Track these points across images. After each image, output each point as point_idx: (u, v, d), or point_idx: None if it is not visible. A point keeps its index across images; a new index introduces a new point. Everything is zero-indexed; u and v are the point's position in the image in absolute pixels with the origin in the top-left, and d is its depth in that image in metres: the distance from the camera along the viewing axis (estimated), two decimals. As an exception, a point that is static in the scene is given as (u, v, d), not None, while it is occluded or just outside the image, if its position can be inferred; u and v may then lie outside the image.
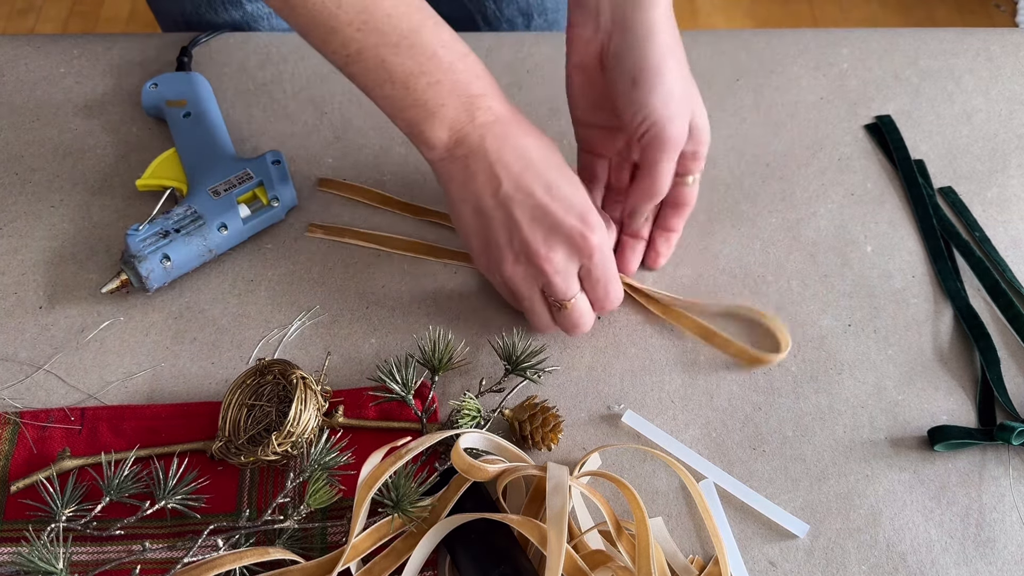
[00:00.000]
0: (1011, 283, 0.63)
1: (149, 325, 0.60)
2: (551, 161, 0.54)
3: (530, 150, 0.53)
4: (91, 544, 0.51)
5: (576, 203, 0.53)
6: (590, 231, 0.53)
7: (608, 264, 0.55)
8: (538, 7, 0.87)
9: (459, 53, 0.52)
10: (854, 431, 0.57)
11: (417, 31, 0.51)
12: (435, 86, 0.51)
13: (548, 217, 0.52)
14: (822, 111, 0.73)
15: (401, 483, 0.49)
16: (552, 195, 0.52)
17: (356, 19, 0.50)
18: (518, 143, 0.53)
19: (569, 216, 0.52)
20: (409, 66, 0.51)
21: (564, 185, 0.53)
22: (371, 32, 0.50)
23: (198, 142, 0.65)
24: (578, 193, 0.53)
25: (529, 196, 0.52)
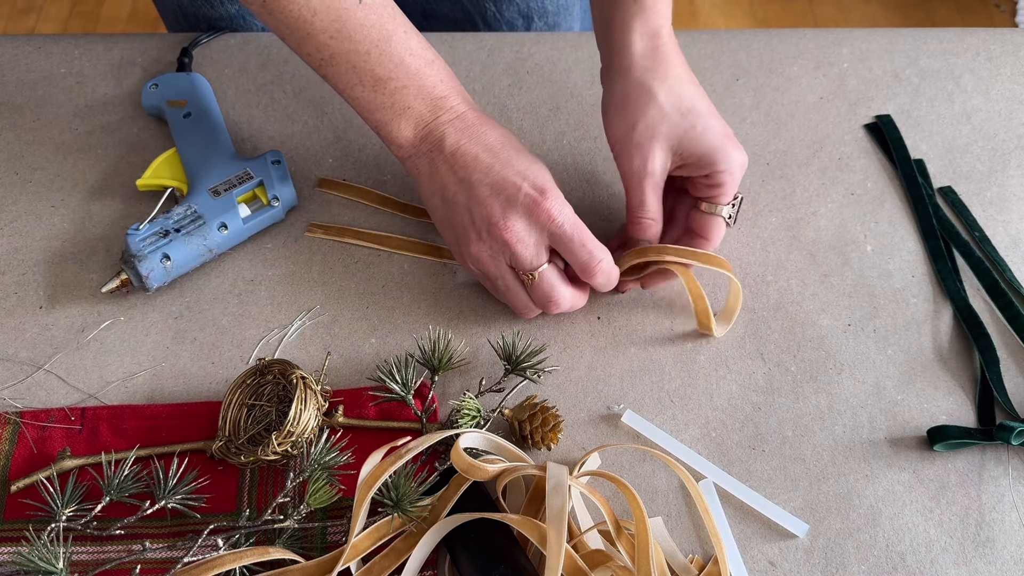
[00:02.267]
0: (1011, 283, 0.63)
1: (149, 325, 0.60)
2: (509, 142, 0.56)
3: (489, 136, 0.56)
4: (91, 544, 0.51)
5: (531, 173, 0.54)
6: (544, 196, 0.54)
7: (575, 229, 0.55)
8: (539, 10, 0.87)
9: (426, 60, 0.56)
10: (853, 431, 0.57)
11: (387, 40, 0.54)
12: (402, 90, 0.55)
13: (504, 187, 0.54)
14: (822, 111, 0.73)
15: (401, 483, 0.49)
16: (508, 167, 0.54)
17: (330, 27, 0.53)
18: (477, 132, 0.56)
19: (524, 183, 0.54)
20: (378, 72, 0.54)
21: (520, 159, 0.55)
22: (344, 40, 0.53)
23: (198, 142, 0.65)
24: (534, 166, 0.55)
25: (487, 173, 0.55)
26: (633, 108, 0.58)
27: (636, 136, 0.57)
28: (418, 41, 0.56)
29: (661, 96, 0.57)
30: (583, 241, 0.55)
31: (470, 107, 0.57)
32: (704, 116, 0.58)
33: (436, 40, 0.75)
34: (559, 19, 0.89)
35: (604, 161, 0.69)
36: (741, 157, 0.58)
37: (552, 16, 0.88)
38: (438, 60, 0.57)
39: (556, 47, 0.76)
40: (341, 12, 0.52)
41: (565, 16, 0.90)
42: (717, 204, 0.59)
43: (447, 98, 0.56)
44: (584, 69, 0.74)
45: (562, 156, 0.69)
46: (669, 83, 0.58)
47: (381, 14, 0.54)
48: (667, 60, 0.58)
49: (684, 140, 0.57)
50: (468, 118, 0.56)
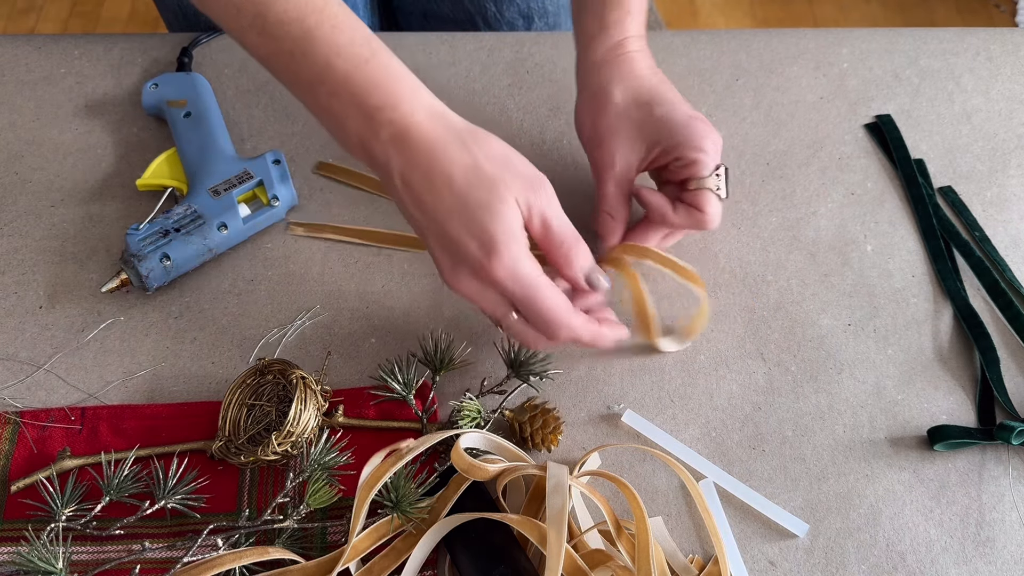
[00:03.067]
0: (1011, 283, 0.63)
1: (149, 325, 0.60)
2: (460, 182, 0.48)
3: (435, 171, 0.48)
4: (91, 544, 0.51)
5: (479, 225, 0.47)
6: (490, 257, 0.47)
7: (528, 291, 0.48)
8: (539, 10, 0.87)
9: (358, 60, 0.47)
10: (854, 431, 0.57)
11: (308, 37, 0.47)
12: (334, 97, 0.48)
13: (450, 244, 0.48)
14: (822, 111, 0.73)
15: (401, 484, 0.49)
16: (452, 218, 0.48)
17: (255, 23, 0.47)
18: (423, 160, 0.48)
19: (471, 242, 0.47)
20: (306, 75, 0.48)
21: (466, 211, 0.47)
22: (268, 38, 0.48)
23: (198, 142, 0.65)
24: (486, 215, 0.47)
25: (433, 221, 0.48)
26: (593, 110, 0.58)
27: (597, 133, 0.58)
28: (349, 37, 0.47)
29: (618, 95, 0.57)
30: (540, 306, 0.48)
31: (417, 118, 0.48)
32: (664, 102, 0.57)
33: (436, 40, 0.75)
34: (560, 19, 0.89)
35: (604, 161, 0.69)
36: (710, 133, 0.57)
37: (553, 16, 0.88)
38: (374, 58, 0.48)
39: (556, 47, 0.76)
40: (260, 6, 0.46)
41: (566, 16, 0.90)
42: (700, 178, 0.57)
43: (383, 110, 0.47)
44: (584, 69, 0.74)
45: (562, 156, 0.69)
46: (626, 82, 0.58)
47: (304, 7, 0.47)
48: (627, 64, 0.58)
49: (646, 127, 0.57)
50: (412, 138, 0.48)
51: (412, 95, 0.49)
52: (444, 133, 0.48)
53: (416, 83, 0.50)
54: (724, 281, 0.63)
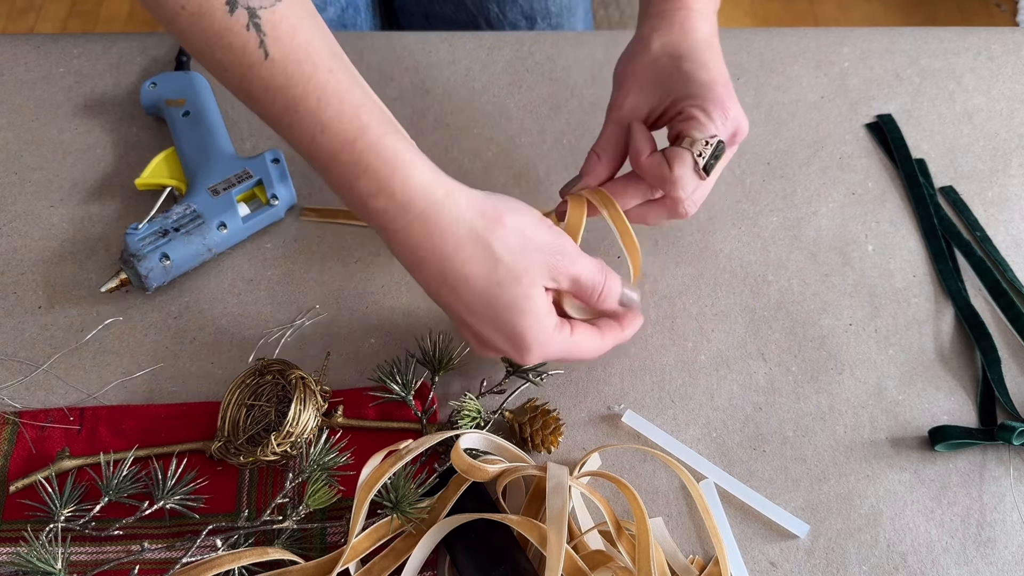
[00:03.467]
0: (1012, 283, 0.63)
1: (148, 325, 0.60)
2: (480, 283, 0.46)
3: (447, 274, 0.46)
4: (90, 544, 0.51)
5: (505, 329, 0.47)
6: (523, 355, 0.48)
7: (561, 358, 0.51)
8: (542, 11, 0.87)
9: (344, 139, 0.43)
10: (855, 431, 0.57)
11: (294, 110, 0.43)
12: (327, 172, 0.45)
13: (478, 336, 0.49)
14: (823, 110, 0.73)
15: (400, 484, 0.48)
16: (477, 318, 0.47)
17: (240, 87, 0.44)
18: (434, 264, 0.46)
19: (500, 340, 0.48)
20: (301, 147, 0.45)
21: (489, 311, 0.46)
22: (254, 102, 0.44)
23: (197, 141, 0.65)
24: (511, 317, 0.46)
25: (454, 314, 0.48)
26: (629, 55, 0.56)
27: (621, 76, 0.56)
28: (337, 110, 0.43)
29: (656, 44, 0.54)
30: (576, 359, 0.52)
31: (417, 208, 0.44)
32: (696, 60, 0.53)
33: (435, 39, 0.75)
34: (562, 20, 0.89)
35: (604, 160, 0.69)
36: (727, 106, 0.52)
37: (555, 17, 0.88)
38: (364, 137, 0.43)
39: (556, 46, 0.76)
40: (245, 70, 0.42)
41: (568, 17, 0.90)
42: (690, 140, 0.51)
43: (376, 197, 0.44)
44: (584, 68, 0.74)
45: (562, 156, 0.69)
46: (670, 36, 0.54)
47: (290, 75, 0.42)
48: (679, 21, 0.55)
49: (667, 78, 0.53)
50: (411, 235, 0.45)
51: (405, 183, 0.44)
52: (449, 232, 0.45)
53: (410, 164, 0.44)
54: (725, 281, 0.63)
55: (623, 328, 0.54)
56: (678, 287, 0.63)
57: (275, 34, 0.42)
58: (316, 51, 0.43)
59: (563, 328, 0.50)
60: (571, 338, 0.50)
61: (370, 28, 0.87)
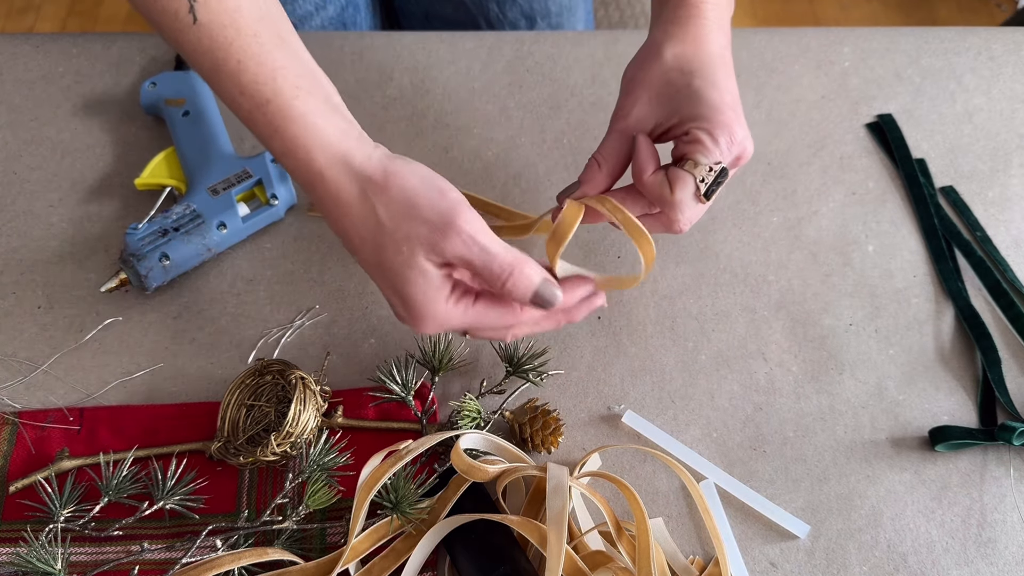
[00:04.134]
0: (1012, 283, 0.63)
1: (148, 325, 0.60)
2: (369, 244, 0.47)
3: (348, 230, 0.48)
4: (89, 544, 0.51)
5: (398, 292, 0.48)
6: (418, 323, 0.49)
7: (463, 330, 0.50)
8: (541, 11, 0.87)
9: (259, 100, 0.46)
10: (855, 431, 0.57)
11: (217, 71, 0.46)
12: (250, 129, 0.48)
13: (385, 297, 0.50)
14: (823, 110, 0.73)
15: (400, 484, 0.48)
16: (379, 279, 0.49)
17: (176, 47, 0.46)
18: (337, 219, 0.48)
19: (397, 303, 0.49)
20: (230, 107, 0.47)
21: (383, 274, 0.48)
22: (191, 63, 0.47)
23: (197, 141, 0.65)
24: (397, 282, 0.47)
25: (365, 270, 0.50)
26: (640, 59, 0.54)
27: (630, 81, 0.54)
28: (254, 74, 0.45)
29: (669, 54, 0.53)
30: (483, 334, 0.51)
31: (317, 165, 0.47)
32: (707, 78, 0.52)
33: (435, 39, 0.75)
34: (562, 20, 0.89)
35: (604, 160, 0.69)
36: (734, 130, 0.51)
37: (555, 17, 0.88)
38: (276, 99, 0.46)
39: (556, 46, 0.75)
40: (176, 34, 0.45)
41: (568, 17, 0.89)
42: (694, 163, 0.50)
43: (286, 156, 0.47)
44: (584, 68, 0.74)
45: (562, 156, 0.69)
46: (683, 46, 0.53)
47: (215, 38, 0.45)
48: (693, 30, 0.54)
49: (677, 94, 0.52)
50: (319, 190, 0.47)
51: (309, 142, 0.46)
52: (346, 186, 0.47)
53: (314, 124, 0.46)
54: (725, 281, 0.63)
55: (559, 314, 0.52)
56: (678, 287, 0.63)
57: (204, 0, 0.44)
58: (243, 17, 0.45)
59: (463, 299, 0.49)
60: (473, 310, 0.49)
61: (370, 27, 0.87)
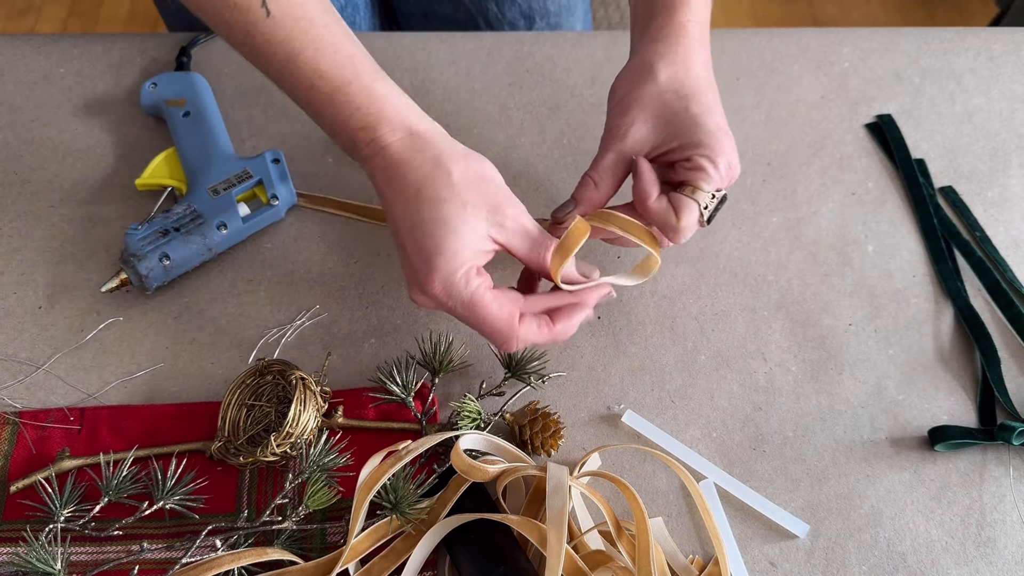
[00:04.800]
0: (1012, 283, 0.63)
1: (148, 325, 0.60)
2: (422, 197, 0.49)
3: (405, 186, 0.50)
4: (89, 544, 0.51)
5: (426, 244, 0.49)
6: (428, 274, 0.49)
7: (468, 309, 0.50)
8: (540, 10, 0.87)
9: (340, 82, 0.50)
10: (854, 431, 0.57)
11: (294, 60, 0.49)
12: (321, 115, 0.51)
13: (406, 258, 0.51)
14: (823, 110, 0.73)
15: (400, 485, 0.48)
16: (411, 235, 0.50)
17: (245, 42, 0.50)
18: (396, 176, 0.50)
19: (418, 258, 0.49)
20: (298, 94, 0.51)
21: (423, 225, 0.49)
22: (257, 56, 0.50)
23: (197, 141, 0.65)
24: (434, 232, 0.49)
25: (397, 235, 0.51)
26: (632, 79, 0.55)
27: (625, 100, 0.54)
28: (332, 61, 0.49)
29: (663, 75, 0.54)
30: (479, 323, 0.50)
31: (395, 137, 0.50)
32: (704, 104, 0.53)
33: (435, 40, 0.75)
34: (561, 19, 0.89)
35: (604, 161, 0.69)
36: (731, 154, 0.53)
37: (554, 16, 0.88)
38: (358, 80, 0.50)
39: (556, 46, 0.76)
40: (249, 27, 0.49)
41: (567, 16, 0.90)
42: (695, 187, 0.53)
43: (364, 130, 0.50)
44: (584, 68, 0.74)
45: (562, 156, 0.69)
46: (676, 67, 0.54)
47: (291, 29, 0.49)
48: (682, 48, 0.54)
49: (675, 119, 0.53)
50: (387, 156, 0.50)
51: (393, 117, 0.50)
52: (418, 152, 0.50)
53: (399, 104, 0.51)
54: (725, 281, 0.63)
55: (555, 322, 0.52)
56: (678, 287, 0.63)
57: None
58: (311, 8, 0.49)
59: (481, 278, 0.50)
60: (483, 292, 0.50)
61: (369, 27, 0.87)
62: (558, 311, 0.53)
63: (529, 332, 0.51)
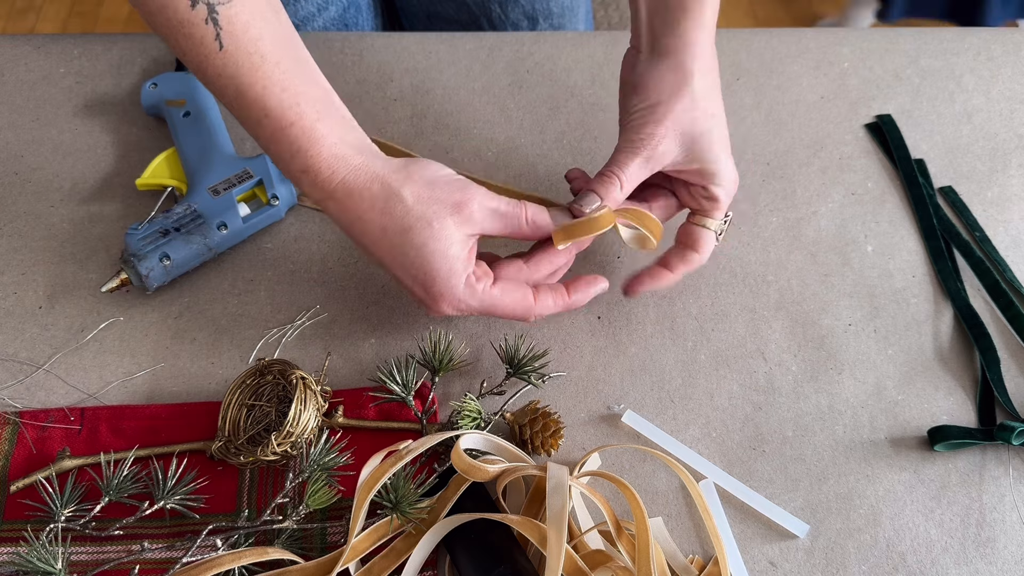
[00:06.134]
0: (1011, 283, 0.63)
1: (149, 325, 0.60)
2: (389, 233, 0.50)
3: (367, 227, 0.50)
4: (90, 544, 0.51)
5: (417, 275, 0.51)
6: (435, 302, 0.52)
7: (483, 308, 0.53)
8: (543, 11, 0.87)
9: (282, 124, 0.49)
10: (854, 431, 0.57)
11: (243, 95, 0.48)
12: (269, 152, 0.51)
13: (404, 287, 0.53)
14: (823, 110, 0.73)
15: (400, 484, 0.49)
16: (396, 269, 0.51)
17: (198, 71, 0.49)
18: (353, 222, 0.51)
19: (416, 288, 0.52)
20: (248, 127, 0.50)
21: (403, 257, 0.50)
22: (211, 85, 0.49)
23: (197, 141, 0.65)
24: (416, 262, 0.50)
25: (383, 268, 0.53)
26: (669, 86, 0.54)
27: (658, 112, 0.54)
28: (278, 99, 0.48)
29: (698, 88, 0.54)
30: (500, 314, 0.54)
31: (339, 177, 0.50)
32: (721, 127, 0.55)
33: (435, 40, 0.75)
34: (564, 20, 0.89)
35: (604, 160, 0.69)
36: (736, 177, 0.57)
37: (557, 17, 0.88)
38: (300, 122, 0.49)
39: (556, 46, 0.76)
40: (202, 59, 0.47)
41: (570, 17, 0.90)
42: (710, 218, 0.57)
43: (307, 173, 0.50)
44: (584, 68, 0.74)
45: (562, 156, 0.69)
46: (707, 81, 0.54)
47: (240, 64, 0.47)
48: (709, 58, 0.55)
49: (699, 143, 0.54)
50: (336, 199, 0.50)
51: (332, 159, 0.50)
52: (365, 189, 0.50)
53: (338, 144, 0.50)
54: (725, 281, 0.63)
55: (571, 293, 0.55)
56: (678, 287, 0.63)
57: (230, 28, 0.47)
58: (266, 45, 0.48)
59: (482, 280, 0.52)
60: (491, 291, 0.52)
61: (372, 28, 0.87)
62: (574, 282, 0.56)
63: (545, 307, 0.55)
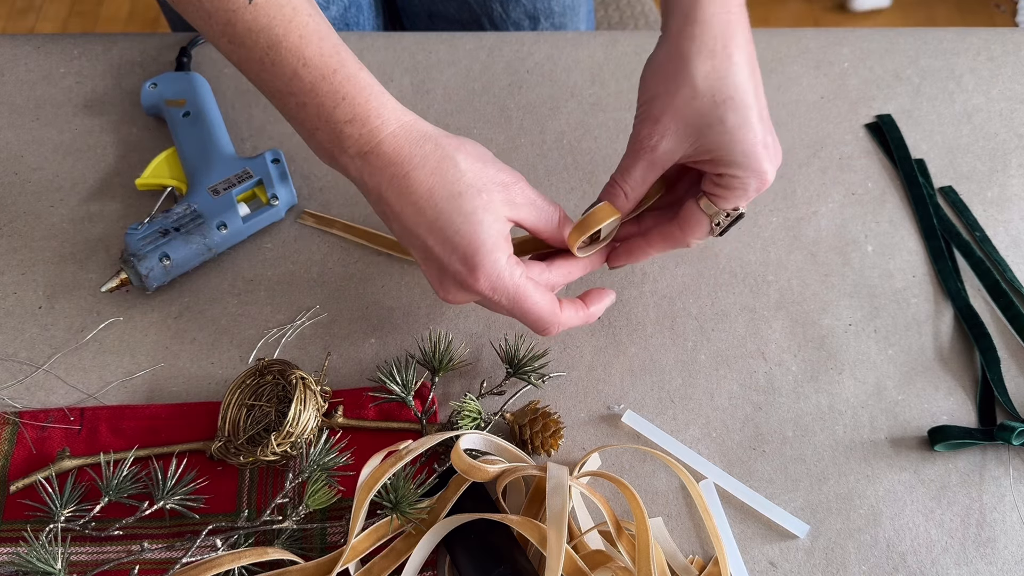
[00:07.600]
0: (1011, 283, 0.63)
1: (149, 325, 0.60)
2: (436, 196, 0.48)
3: (412, 186, 0.48)
4: (90, 544, 0.51)
5: (459, 240, 0.48)
6: (472, 273, 0.48)
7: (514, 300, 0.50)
8: (545, 10, 0.87)
9: (324, 71, 0.47)
10: (854, 431, 0.57)
11: (276, 47, 0.47)
12: (303, 108, 0.48)
13: (435, 260, 0.49)
14: (823, 110, 0.73)
15: (400, 484, 0.48)
16: (436, 236, 0.48)
17: (225, 31, 0.47)
18: (392, 176, 0.48)
19: (453, 259, 0.48)
20: (277, 84, 0.48)
21: (449, 224, 0.48)
22: (238, 45, 0.47)
23: (197, 141, 0.65)
24: (463, 230, 0.48)
25: (416, 237, 0.49)
26: (663, 78, 0.49)
27: (655, 108, 0.50)
28: (317, 48, 0.47)
29: (699, 75, 0.48)
30: (526, 311, 0.50)
31: (388, 130, 0.48)
32: (743, 111, 0.48)
33: (435, 39, 0.75)
34: (565, 20, 0.89)
35: (604, 160, 0.69)
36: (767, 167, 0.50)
37: (558, 17, 0.88)
38: (341, 70, 0.47)
39: (556, 46, 0.76)
40: (230, 14, 0.46)
41: (571, 16, 0.90)
42: (714, 205, 0.51)
43: (350, 123, 0.47)
44: (585, 68, 0.74)
45: (562, 156, 0.69)
46: (715, 62, 0.48)
47: (272, 16, 0.46)
48: (722, 35, 0.48)
49: (709, 134, 0.48)
50: (381, 153, 0.48)
51: (380, 108, 0.48)
52: (416, 145, 0.48)
53: (384, 94, 0.49)
54: (725, 281, 0.63)
55: (589, 305, 0.54)
56: (678, 287, 0.63)
57: None
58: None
59: (519, 265, 0.50)
60: (522, 285, 0.49)
61: (373, 27, 0.87)
62: (589, 294, 0.55)
63: (569, 318, 0.52)
